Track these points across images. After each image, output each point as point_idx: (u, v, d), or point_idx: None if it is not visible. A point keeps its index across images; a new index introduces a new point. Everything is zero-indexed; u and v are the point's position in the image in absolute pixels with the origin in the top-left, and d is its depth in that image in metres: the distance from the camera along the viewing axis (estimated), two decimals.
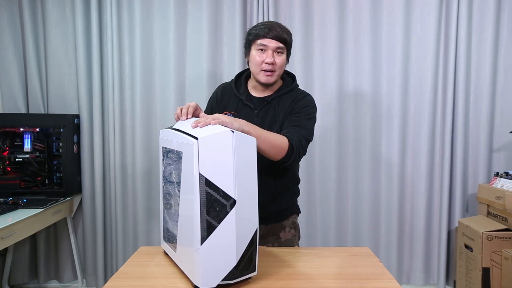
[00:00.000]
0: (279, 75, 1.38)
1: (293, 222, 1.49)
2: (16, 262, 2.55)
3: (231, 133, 0.97)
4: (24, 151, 2.32)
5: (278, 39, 1.32)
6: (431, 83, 2.42)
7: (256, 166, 1.02)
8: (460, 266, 2.26)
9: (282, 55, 1.35)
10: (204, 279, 0.95)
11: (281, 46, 1.33)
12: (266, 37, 1.32)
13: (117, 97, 2.46)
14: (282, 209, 1.46)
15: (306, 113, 1.36)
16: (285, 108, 1.38)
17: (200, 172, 0.93)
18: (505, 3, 2.38)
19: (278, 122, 1.37)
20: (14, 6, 2.44)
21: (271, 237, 1.45)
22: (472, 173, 2.47)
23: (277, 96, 1.40)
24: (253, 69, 1.38)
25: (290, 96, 1.40)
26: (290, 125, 1.33)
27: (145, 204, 2.52)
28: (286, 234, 1.46)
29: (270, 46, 1.32)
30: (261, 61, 1.33)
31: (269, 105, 1.39)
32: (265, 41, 1.32)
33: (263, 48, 1.33)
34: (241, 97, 1.42)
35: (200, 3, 2.43)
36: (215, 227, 0.95)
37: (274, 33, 1.31)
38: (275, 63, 1.33)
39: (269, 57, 1.32)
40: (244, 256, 0.99)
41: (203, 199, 0.93)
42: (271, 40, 1.31)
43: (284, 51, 1.35)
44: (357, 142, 2.48)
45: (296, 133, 1.27)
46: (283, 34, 1.33)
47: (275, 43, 1.32)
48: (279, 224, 1.46)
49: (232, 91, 1.45)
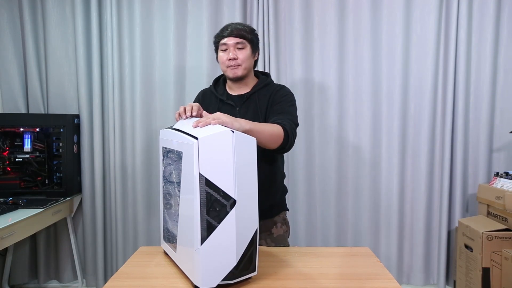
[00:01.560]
0: (246, 68, 1.44)
1: (284, 219, 1.56)
2: (16, 262, 2.55)
3: (231, 133, 0.97)
4: (24, 151, 2.32)
5: (235, 36, 1.41)
6: (431, 83, 2.42)
7: (256, 166, 1.02)
8: (460, 266, 2.26)
9: (244, 49, 1.42)
10: (204, 279, 0.95)
11: (240, 41, 1.41)
12: (224, 36, 1.42)
13: (117, 97, 2.46)
14: (273, 204, 1.51)
15: (286, 101, 1.44)
16: (265, 101, 1.45)
17: (200, 172, 0.93)
18: (505, 3, 2.38)
19: (260, 115, 1.44)
20: (14, 6, 2.45)
21: (263, 233, 1.49)
22: (472, 173, 2.47)
23: (256, 91, 1.47)
24: (222, 69, 1.48)
25: (267, 90, 1.48)
26: (276, 113, 1.39)
27: (145, 204, 2.52)
28: (278, 229, 1.52)
29: (230, 44, 1.41)
30: (226, 59, 1.42)
31: (249, 101, 1.46)
32: (225, 40, 1.42)
33: (225, 48, 1.43)
34: (221, 97, 1.49)
35: (200, 3, 2.43)
36: (215, 227, 0.95)
37: (230, 31, 1.41)
38: (237, 58, 1.41)
39: (231, 53, 1.41)
40: (244, 256, 0.99)
41: (203, 199, 0.93)
42: (229, 38, 1.41)
43: (246, 45, 1.43)
44: (357, 142, 2.48)
45: (285, 119, 1.34)
46: (240, 30, 1.42)
47: (233, 40, 1.41)
48: (271, 220, 1.51)
49: (212, 94, 1.53)
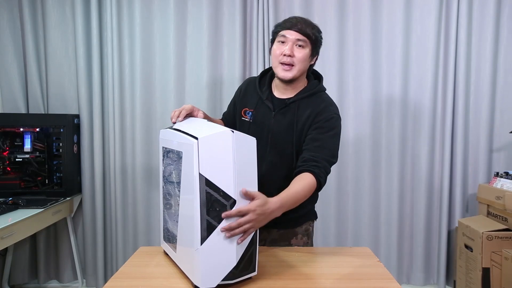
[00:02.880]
0: (300, 71, 1.29)
1: (307, 229, 1.43)
2: (16, 262, 2.55)
3: (231, 133, 0.97)
4: (24, 151, 2.31)
5: (299, 31, 1.25)
6: (431, 83, 2.42)
7: (256, 166, 1.02)
8: (460, 266, 2.26)
9: (304, 49, 1.27)
10: (204, 279, 0.95)
11: (302, 38, 1.25)
12: (286, 28, 1.27)
13: (117, 97, 2.46)
14: (299, 215, 1.37)
15: (329, 128, 1.28)
16: (304, 116, 1.30)
17: (200, 172, 0.93)
18: (505, 3, 2.38)
19: (294, 131, 1.31)
20: (14, 6, 2.44)
21: (282, 242, 1.40)
22: (472, 173, 2.47)
23: (298, 99, 1.32)
24: (272, 63, 1.32)
25: (312, 101, 1.32)
26: (313, 144, 1.25)
27: (145, 204, 2.52)
28: (297, 241, 1.41)
29: (290, 38, 1.26)
30: (280, 53, 1.27)
31: (288, 108, 1.32)
32: (286, 32, 1.26)
33: (283, 40, 1.27)
34: (262, 95, 1.36)
35: (200, 3, 2.43)
36: (215, 227, 0.95)
37: (295, 25, 1.26)
38: (293, 56, 1.26)
39: (288, 49, 1.25)
40: (244, 256, 0.99)
41: (203, 199, 0.93)
42: (292, 31, 1.26)
43: (307, 45, 1.27)
44: (357, 142, 2.48)
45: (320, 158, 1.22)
46: (306, 27, 1.26)
47: (295, 35, 1.25)
48: (291, 230, 1.41)
49: (256, 88, 1.39)
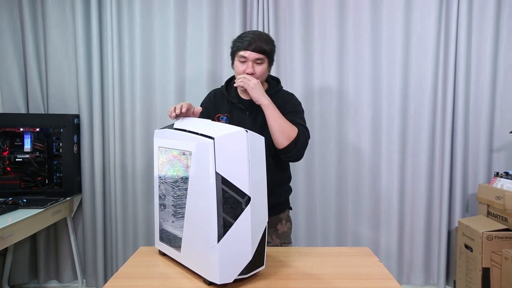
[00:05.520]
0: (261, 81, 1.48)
1: (288, 216, 1.64)
2: (16, 262, 2.55)
3: (245, 132, 1.00)
4: (24, 151, 2.31)
5: (257, 51, 1.42)
6: (431, 83, 2.42)
7: (265, 163, 1.06)
8: (460, 266, 2.26)
9: (262, 64, 1.45)
10: (221, 275, 0.98)
11: (261, 57, 1.43)
12: (246, 49, 1.43)
13: (117, 97, 2.46)
14: (280, 202, 1.58)
15: (297, 111, 1.51)
16: None
17: (216, 171, 0.95)
18: (505, 3, 2.38)
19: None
20: (14, 6, 2.44)
21: (269, 229, 1.52)
22: (472, 173, 2.47)
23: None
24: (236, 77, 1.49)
25: (278, 96, 1.52)
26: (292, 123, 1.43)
27: (145, 204, 2.52)
28: (282, 226, 1.59)
29: (249, 58, 1.43)
30: (242, 71, 1.45)
31: (259, 107, 1.46)
32: (245, 53, 1.43)
33: (244, 60, 1.44)
34: (233, 100, 1.52)
35: (200, 3, 2.43)
36: (231, 224, 0.97)
37: (253, 46, 1.42)
38: (254, 73, 1.44)
39: (249, 68, 1.43)
40: (257, 250, 1.02)
41: (219, 197, 0.96)
42: (251, 52, 1.42)
43: (264, 60, 1.45)
44: (357, 142, 2.48)
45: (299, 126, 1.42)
46: (262, 45, 1.43)
47: (254, 55, 1.43)
48: (276, 217, 1.58)
49: (224, 96, 1.56)
